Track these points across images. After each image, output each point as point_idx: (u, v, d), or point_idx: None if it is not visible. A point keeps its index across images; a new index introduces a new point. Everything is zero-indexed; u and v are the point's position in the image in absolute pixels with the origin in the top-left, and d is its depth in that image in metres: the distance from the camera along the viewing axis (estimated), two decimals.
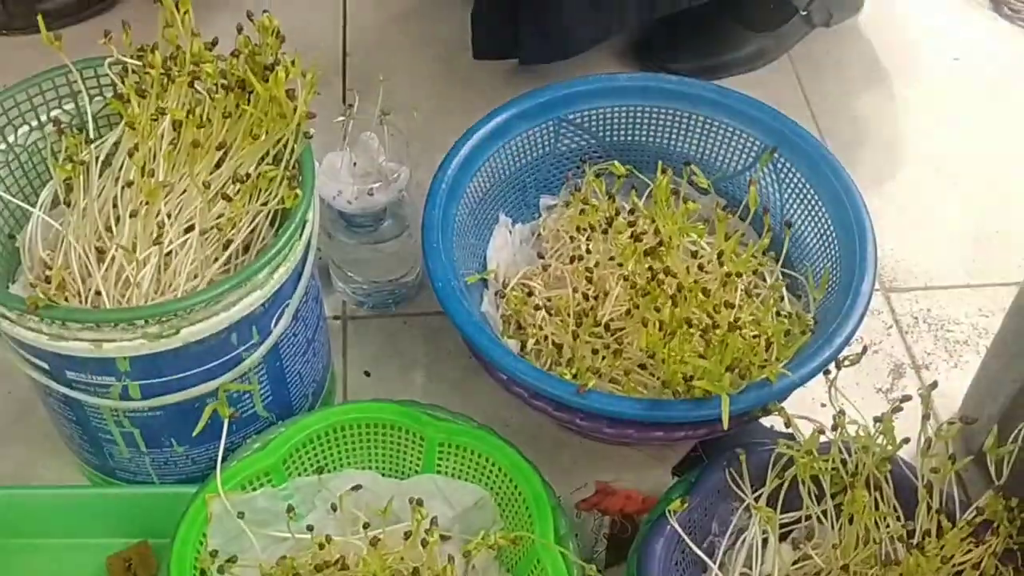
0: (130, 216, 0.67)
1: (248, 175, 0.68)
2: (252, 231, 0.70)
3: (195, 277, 0.68)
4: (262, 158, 0.70)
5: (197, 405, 0.67)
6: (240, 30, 0.68)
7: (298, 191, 0.65)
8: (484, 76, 1.07)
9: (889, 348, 0.89)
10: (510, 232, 0.85)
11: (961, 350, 0.89)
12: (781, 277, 0.79)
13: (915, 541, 0.66)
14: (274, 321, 0.67)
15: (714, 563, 0.69)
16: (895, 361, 0.88)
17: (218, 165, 0.70)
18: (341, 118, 0.79)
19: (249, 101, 0.68)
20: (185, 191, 0.69)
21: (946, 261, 0.96)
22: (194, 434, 0.68)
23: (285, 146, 0.68)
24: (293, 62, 0.67)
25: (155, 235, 0.66)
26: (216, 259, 0.69)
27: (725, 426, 0.63)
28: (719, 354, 0.64)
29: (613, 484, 0.80)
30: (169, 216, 0.69)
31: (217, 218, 0.69)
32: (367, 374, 0.86)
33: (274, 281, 0.65)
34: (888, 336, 0.90)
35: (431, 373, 0.87)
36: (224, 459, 0.70)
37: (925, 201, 1.01)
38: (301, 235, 0.67)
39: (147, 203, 0.66)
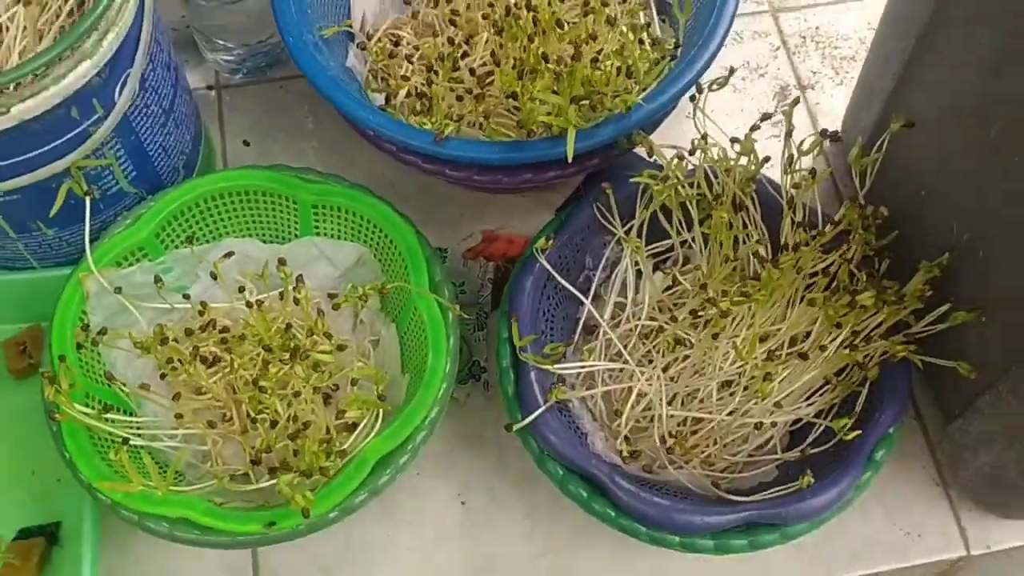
0: None
1: None
2: (83, 2, 0.66)
3: (31, 53, 0.65)
4: None
5: (55, 185, 0.67)
6: None
7: None
8: None
9: (775, 71, 0.88)
10: None
11: (848, 66, 0.88)
12: (653, 3, 0.77)
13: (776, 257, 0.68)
14: (117, 92, 0.65)
15: (588, 296, 0.71)
16: (781, 83, 0.87)
17: None
18: None
19: None
20: None
21: None
22: (51, 215, 0.67)
23: None
24: None
25: None
26: (50, 31, 0.66)
27: (569, 159, 0.63)
28: (568, 86, 0.62)
29: (498, 231, 0.81)
30: None
31: None
32: (246, 144, 0.85)
33: (104, 48, 0.62)
34: (775, 59, 0.89)
35: (313, 138, 0.86)
36: (96, 238, 0.71)
37: None
38: None
39: None
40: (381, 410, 0.67)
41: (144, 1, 0.65)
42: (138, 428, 0.66)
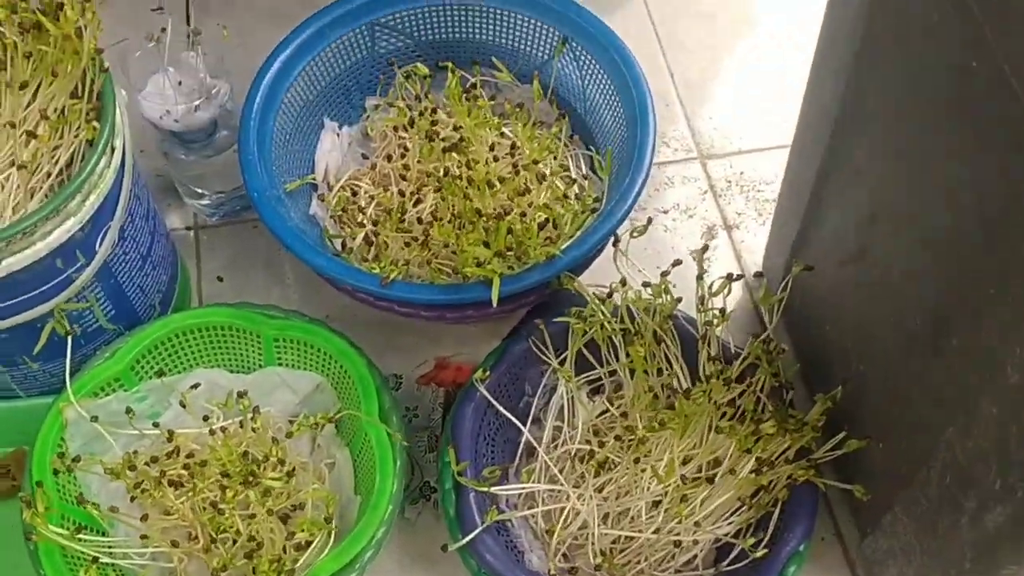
0: None
1: (57, 110, 0.73)
2: (71, 163, 0.74)
3: (24, 209, 0.74)
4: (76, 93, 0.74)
5: (40, 325, 0.74)
6: None
7: (95, 123, 0.70)
8: None
9: (704, 212, 0.97)
10: (338, 135, 0.90)
11: (770, 208, 0.96)
12: (582, 159, 0.86)
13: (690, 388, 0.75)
14: (98, 243, 0.73)
15: (528, 420, 0.78)
16: (708, 224, 0.96)
17: (36, 100, 0.74)
18: (152, 44, 0.83)
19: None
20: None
21: (762, 125, 1.02)
22: (35, 352, 0.74)
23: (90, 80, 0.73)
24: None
25: None
26: (41, 189, 0.74)
27: (494, 304, 0.71)
28: (496, 241, 0.71)
29: (450, 359, 0.88)
30: None
31: (35, 152, 0.73)
32: (220, 279, 0.93)
33: (87, 208, 0.70)
34: (703, 201, 0.97)
35: (283, 274, 0.93)
36: (76, 370, 0.77)
37: (745, 68, 1.06)
38: (110, 163, 0.72)
39: None
40: (333, 530, 0.73)
41: (124, 165, 0.74)
42: (109, 547, 0.72)
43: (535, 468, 0.78)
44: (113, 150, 0.72)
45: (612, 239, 0.76)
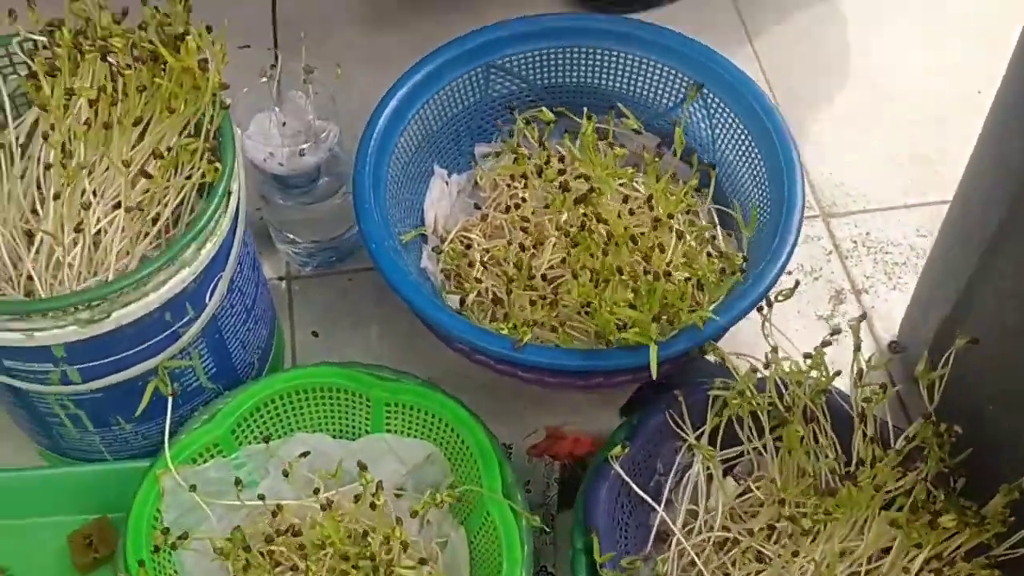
0: (54, 198, 0.66)
1: (169, 149, 0.67)
2: (180, 204, 0.69)
3: (127, 255, 0.68)
4: (187, 131, 0.69)
5: (140, 383, 0.68)
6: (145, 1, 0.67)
7: (217, 164, 0.64)
8: (411, 21, 1.05)
9: (829, 274, 0.90)
10: (446, 183, 0.85)
11: (900, 271, 0.90)
12: (715, 215, 0.80)
13: (850, 471, 0.68)
14: (208, 295, 0.67)
15: (661, 501, 0.71)
16: (835, 287, 0.90)
17: (143, 139, 0.69)
18: (264, 79, 0.77)
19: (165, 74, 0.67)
20: (108, 169, 0.68)
21: (884, 182, 0.96)
22: (135, 415, 0.68)
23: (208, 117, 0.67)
24: (207, 29, 0.66)
25: (80, 216, 0.65)
26: (147, 234, 0.68)
27: (654, 375, 0.64)
28: (648, 303, 0.64)
29: (563, 428, 0.82)
30: (95, 194, 0.68)
31: (143, 194, 0.68)
32: (315, 334, 0.87)
33: (202, 257, 0.64)
34: (828, 262, 0.91)
35: (380, 329, 0.87)
36: (173, 433, 0.71)
37: (862, 122, 1.01)
38: (227, 208, 0.66)
39: (68, 185, 0.65)
40: None
41: (239, 212, 0.68)
42: None
43: (669, 557, 0.71)
44: (229, 194, 0.66)
45: (763, 303, 0.70)
